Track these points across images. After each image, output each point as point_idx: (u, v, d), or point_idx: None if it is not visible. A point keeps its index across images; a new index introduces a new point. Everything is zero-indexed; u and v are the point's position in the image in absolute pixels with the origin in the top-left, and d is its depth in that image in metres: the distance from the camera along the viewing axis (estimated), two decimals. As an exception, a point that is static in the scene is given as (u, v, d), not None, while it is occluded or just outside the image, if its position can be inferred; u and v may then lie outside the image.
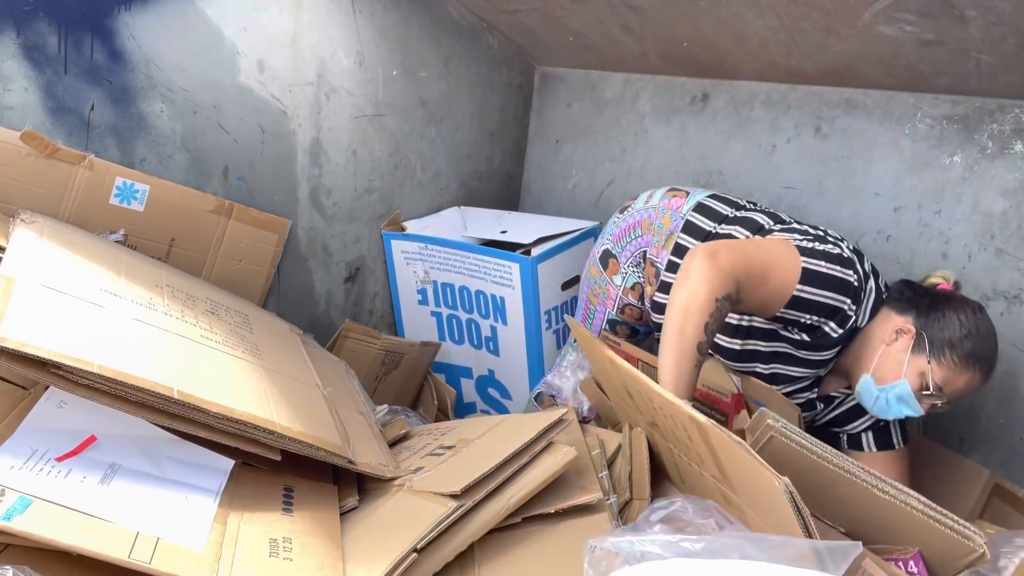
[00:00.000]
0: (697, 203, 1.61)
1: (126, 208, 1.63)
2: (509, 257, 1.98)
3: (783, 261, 1.35)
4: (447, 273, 2.12)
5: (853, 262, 1.39)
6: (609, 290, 1.74)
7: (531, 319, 2.02)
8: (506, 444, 1.19)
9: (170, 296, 1.40)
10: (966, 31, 1.42)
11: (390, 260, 2.20)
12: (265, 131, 1.87)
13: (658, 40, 1.97)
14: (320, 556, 1.04)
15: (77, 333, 1.06)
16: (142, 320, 1.22)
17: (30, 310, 1.05)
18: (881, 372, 1.38)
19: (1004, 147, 1.62)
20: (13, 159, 1.49)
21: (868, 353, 1.40)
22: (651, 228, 1.65)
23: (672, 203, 1.65)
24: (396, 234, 2.17)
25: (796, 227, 1.50)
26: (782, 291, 1.34)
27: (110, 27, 1.59)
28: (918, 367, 1.34)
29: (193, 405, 1.07)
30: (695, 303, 1.25)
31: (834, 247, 1.40)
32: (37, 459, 0.99)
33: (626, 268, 1.69)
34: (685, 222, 1.59)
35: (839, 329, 1.39)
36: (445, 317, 2.20)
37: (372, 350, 2.08)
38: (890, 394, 1.37)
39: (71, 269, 1.27)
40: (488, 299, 2.07)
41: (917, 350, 1.34)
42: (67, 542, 0.88)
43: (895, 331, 1.37)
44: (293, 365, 1.48)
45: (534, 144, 2.53)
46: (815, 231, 1.47)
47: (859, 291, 1.37)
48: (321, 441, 1.19)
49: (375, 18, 2.00)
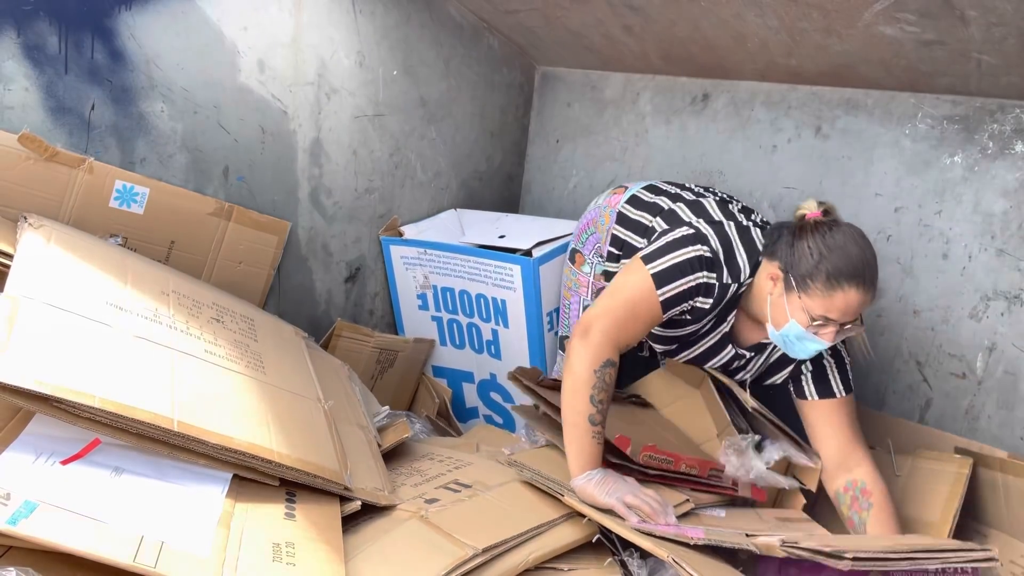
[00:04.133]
0: (631, 196, 1.73)
1: (126, 211, 1.63)
2: (510, 259, 1.96)
3: (637, 286, 1.46)
4: (447, 277, 2.11)
5: (703, 235, 1.48)
6: (580, 279, 1.81)
7: (533, 321, 2.01)
8: (528, 514, 1.25)
9: (176, 304, 1.40)
10: (967, 31, 1.42)
11: (389, 266, 2.20)
12: (265, 131, 1.86)
13: (658, 40, 1.97)
14: (323, 562, 1.04)
15: (79, 362, 1.07)
16: (145, 338, 1.22)
17: (33, 339, 1.05)
18: (775, 319, 1.43)
19: (1005, 147, 1.62)
20: (13, 163, 1.48)
21: (761, 304, 1.47)
22: (597, 225, 1.77)
23: (612, 200, 1.76)
24: (395, 240, 2.16)
25: (682, 201, 1.62)
26: (653, 308, 1.46)
27: (110, 27, 1.59)
28: (796, 304, 1.38)
29: (192, 437, 1.08)
30: (577, 382, 1.41)
31: (684, 228, 1.50)
32: (42, 463, 0.99)
33: (591, 258, 1.79)
34: (617, 214, 1.71)
35: (708, 299, 1.48)
36: (446, 321, 2.19)
37: (366, 349, 2.06)
38: (789, 336, 1.41)
39: (77, 280, 1.27)
40: (489, 302, 2.06)
41: (788, 289, 1.39)
42: (72, 546, 0.88)
43: (769, 278, 1.43)
44: (296, 378, 1.48)
45: (534, 144, 2.53)
46: (692, 196, 1.64)
47: (715, 259, 1.46)
48: (318, 468, 1.20)
49: (376, 18, 2.00)
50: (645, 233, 1.63)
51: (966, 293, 1.69)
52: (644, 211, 1.66)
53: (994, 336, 1.66)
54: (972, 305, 1.68)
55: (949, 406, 1.73)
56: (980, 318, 1.68)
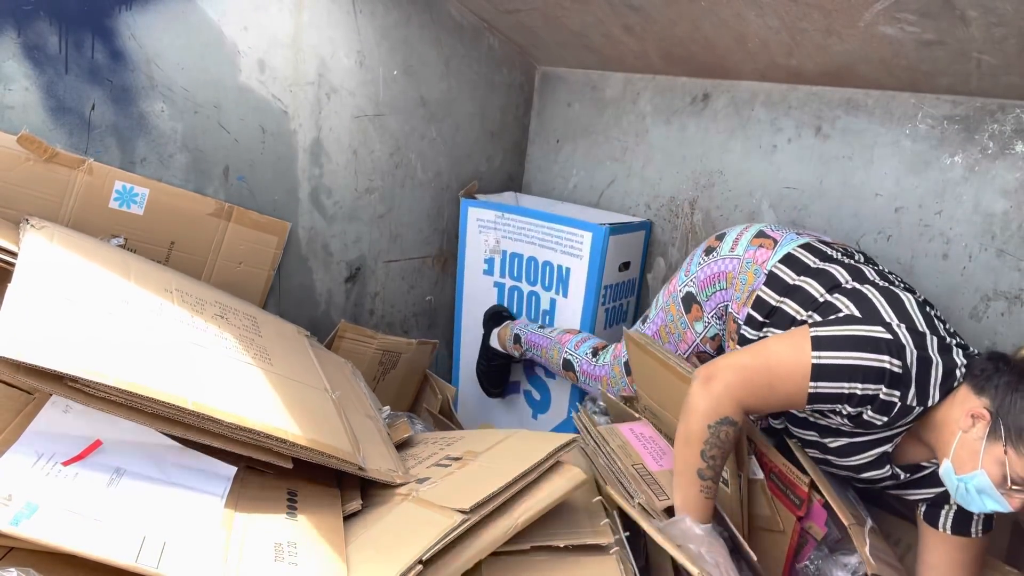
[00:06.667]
0: (785, 254, 1.51)
1: (126, 212, 1.63)
2: (584, 225, 2.08)
3: (789, 363, 1.28)
4: (518, 243, 2.22)
5: (900, 346, 1.25)
6: (687, 334, 1.67)
7: (591, 292, 2.11)
8: (515, 462, 1.19)
9: (180, 301, 1.40)
10: (967, 31, 1.42)
11: (463, 227, 2.31)
12: (266, 131, 1.86)
13: (659, 40, 1.97)
14: (325, 561, 1.04)
15: (92, 345, 1.07)
16: (154, 328, 1.22)
17: (46, 322, 1.06)
18: (959, 460, 1.24)
19: (1005, 147, 1.63)
20: (12, 164, 1.48)
21: (946, 437, 1.27)
22: (734, 282, 1.57)
23: (758, 255, 1.55)
24: (474, 202, 2.26)
25: (870, 284, 1.38)
26: (797, 393, 1.28)
27: (111, 27, 1.58)
28: (996, 456, 1.19)
29: (207, 415, 1.07)
30: (690, 431, 1.31)
31: (880, 329, 1.27)
32: (43, 464, 0.99)
33: (709, 318, 1.62)
34: (768, 274, 1.50)
35: (881, 416, 1.28)
36: (508, 288, 2.29)
37: (369, 350, 2.07)
38: (969, 484, 1.23)
39: (83, 276, 1.27)
40: (554, 270, 2.17)
41: (993, 437, 1.19)
42: (74, 547, 0.88)
43: (970, 415, 1.23)
44: (302, 369, 1.48)
45: (535, 144, 2.53)
46: (887, 290, 1.36)
47: (901, 376, 1.24)
48: (332, 449, 1.19)
49: (376, 18, 2.00)
50: (813, 306, 1.41)
51: (966, 293, 1.69)
52: (811, 278, 1.44)
53: (994, 336, 1.66)
54: (972, 305, 1.69)
55: (949, 406, 1.73)
56: (980, 318, 1.68)
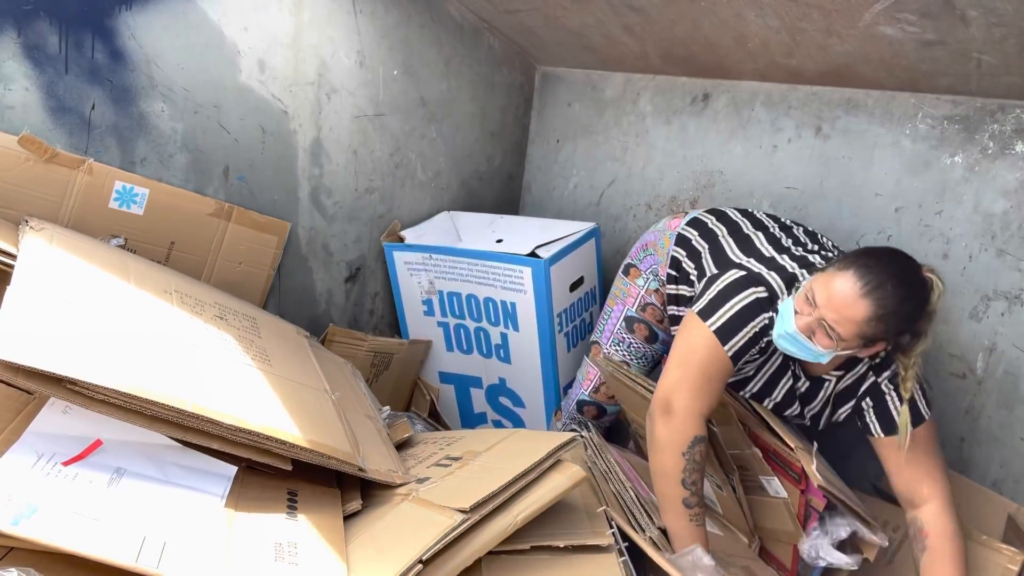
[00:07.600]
0: (692, 218, 1.71)
1: (126, 212, 1.62)
2: (520, 261, 1.93)
3: (700, 345, 1.41)
4: (453, 282, 2.08)
5: (755, 277, 1.44)
6: (631, 290, 1.81)
7: (544, 323, 1.98)
8: (515, 461, 1.19)
9: (179, 302, 1.40)
10: (967, 31, 1.42)
11: (392, 272, 2.16)
12: (266, 131, 1.86)
13: (659, 40, 1.97)
14: (325, 561, 1.04)
15: (91, 348, 1.06)
16: (153, 330, 1.22)
17: (46, 324, 1.05)
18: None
19: (1005, 147, 1.63)
20: (12, 164, 1.48)
21: None
22: (656, 247, 1.77)
23: (672, 223, 1.76)
24: (398, 245, 2.12)
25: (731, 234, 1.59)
26: (724, 365, 1.41)
27: (111, 27, 1.58)
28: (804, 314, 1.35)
29: (207, 418, 1.07)
30: (666, 467, 1.39)
31: (734, 271, 1.46)
32: (43, 464, 0.99)
33: (647, 275, 1.79)
34: (678, 235, 1.70)
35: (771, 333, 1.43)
36: (452, 327, 2.16)
37: (360, 352, 2.04)
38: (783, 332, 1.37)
39: (82, 278, 1.27)
40: (498, 305, 2.04)
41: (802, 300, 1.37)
42: (74, 547, 0.88)
43: None
44: (302, 370, 1.48)
45: (535, 144, 2.53)
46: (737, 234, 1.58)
47: (773, 298, 1.42)
48: (332, 450, 1.20)
49: (376, 18, 1.99)
50: (698, 262, 1.61)
51: (966, 293, 1.69)
52: (703, 238, 1.64)
53: (994, 336, 1.66)
54: (972, 305, 1.69)
55: (949, 406, 1.73)
56: (980, 318, 1.68)
